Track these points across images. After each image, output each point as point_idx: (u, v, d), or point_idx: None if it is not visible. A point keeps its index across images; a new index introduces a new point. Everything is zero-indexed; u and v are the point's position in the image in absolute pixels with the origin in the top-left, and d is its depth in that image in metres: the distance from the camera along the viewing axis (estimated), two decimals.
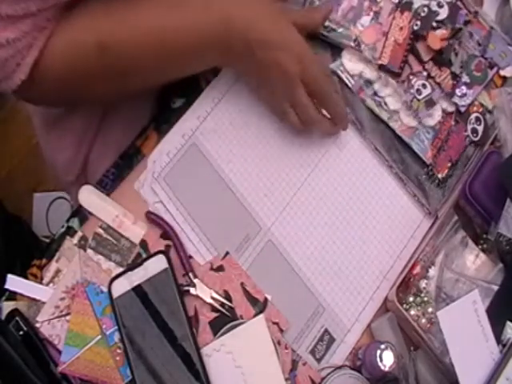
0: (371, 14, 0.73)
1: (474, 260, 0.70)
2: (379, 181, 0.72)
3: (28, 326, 0.60)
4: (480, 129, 0.75)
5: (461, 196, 0.71)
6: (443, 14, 0.74)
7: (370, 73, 0.72)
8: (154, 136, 0.69)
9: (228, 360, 0.60)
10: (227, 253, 0.66)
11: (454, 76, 0.75)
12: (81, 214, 0.66)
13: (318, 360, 0.65)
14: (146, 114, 0.75)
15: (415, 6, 0.74)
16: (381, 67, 0.72)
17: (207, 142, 0.68)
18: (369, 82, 0.72)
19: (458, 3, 0.76)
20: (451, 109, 0.74)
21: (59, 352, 0.60)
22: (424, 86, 0.73)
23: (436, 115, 0.73)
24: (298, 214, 0.69)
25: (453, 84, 0.74)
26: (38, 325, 0.61)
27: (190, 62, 0.63)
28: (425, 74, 0.74)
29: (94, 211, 0.65)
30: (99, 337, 0.61)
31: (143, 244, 0.65)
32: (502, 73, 0.78)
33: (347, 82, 0.71)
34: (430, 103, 0.73)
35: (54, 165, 0.85)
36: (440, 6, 0.75)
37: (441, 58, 0.74)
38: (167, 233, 0.64)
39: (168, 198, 0.66)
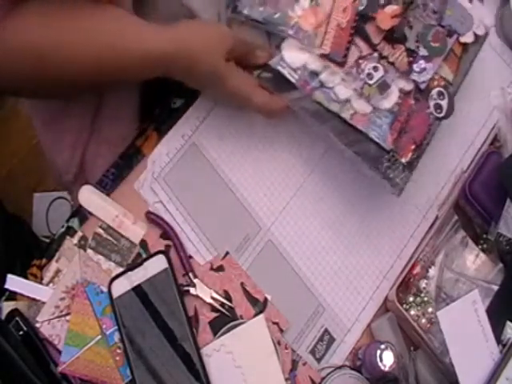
0: None
1: (474, 260, 0.70)
2: None
3: (28, 326, 0.60)
4: (444, 103, 0.69)
5: (461, 196, 0.71)
6: None
7: (313, 63, 0.65)
8: (154, 136, 0.69)
9: (228, 360, 0.60)
10: (227, 253, 0.66)
11: (410, 52, 0.68)
12: (81, 214, 0.66)
13: (318, 360, 0.65)
14: (134, 112, 0.75)
15: None
16: (322, 56, 0.65)
17: (207, 142, 0.68)
18: (314, 74, 0.65)
19: None
20: (409, 87, 0.68)
21: (59, 352, 0.60)
22: (375, 68, 0.66)
23: (392, 97, 0.67)
24: (298, 213, 0.69)
25: (409, 61, 0.68)
26: (38, 325, 0.61)
27: (128, 76, 0.62)
28: (376, 55, 0.67)
29: (94, 211, 0.65)
30: (99, 337, 0.61)
31: (143, 244, 0.65)
32: (461, 39, 0.71)
33: (290, 77, 0.64)
34: (383, 87, 0.66)
35: (54, 164, 0.86)
36: None
37: (393, 36, 0.67)
38: (167, 233, 0.64)
39: (168, 198, 0.66)
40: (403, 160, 0.66)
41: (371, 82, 0.66)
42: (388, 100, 0.67)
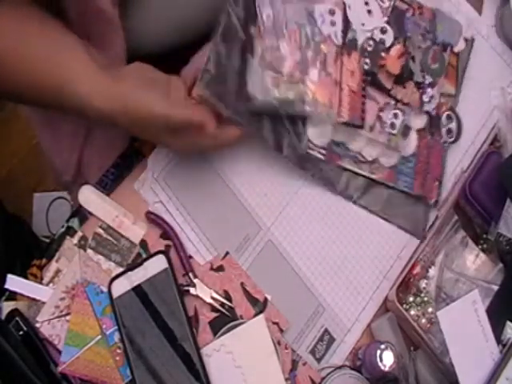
0: (318, 64, 0.64)
1: (474, 260, 0.70)
2: None
3: (28, 326, 0.60)
4: (453, 126, 0.72)
5: (461, 196, 0.71)
6: (389, 38, 0.69)
7: (337, 135, 0.66)
8: None
9: (228, 360, 0.60)
10: (227, 253, 0.66)
11: (418, 84, 0.70)
12: (81, 214, 0.66)
13: (318, 360, 0.65)
14: None
15: (359, 42, 0.67)
16: (343, 125, 0.66)
17: None
18: (340, 144, 0.66)
19: (398, 3, 0.70)
20: (423, 122, 0.70)
21: (59, 352, 0.61)
22: (395, 115, 0.68)
23: (412, 139, 0.69)
24: (298, 213, 0.69)
25: (420, 94, 0.70)
26: (38, 325, 0.61)
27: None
28: (392, 102, 0.69)
29: (93, 211, 0.65)
30: (99, 337, 0.61)
31: (143, 244, 0.65)
32: (455, 50, 0.73)
33: (320, 156, 0.65)
34: (405, 131, 0.69)
35: (53, 165, 0.86)
36: (383, 31, 0.69)
37: (402, 77, 0.69)
38: (167, 233, 0.64)
39: (168, 198, 0.66)
40: (432, 201, 0.70)
41: (395, 131, 0.68)
42: (409, 144, 0.70)
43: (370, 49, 0.68)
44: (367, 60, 0.67)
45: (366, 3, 0.68)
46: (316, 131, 0.65)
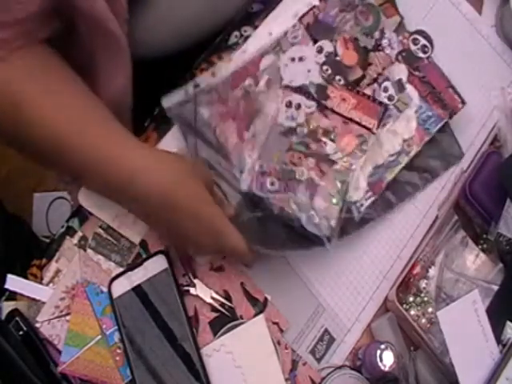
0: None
1: (474, 260, 0.70)
2: None
3: (28, 326, 0.60)
4: (424, 43, 0.73)
5: (461, 196, 0.71)
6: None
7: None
8: (154, 136, 0.69)
9: (228, 360, 0.60)
10: None
11: (376, 47, 0.72)
12: (81, 214, 0.66)
13: (318, 360, 0.65)
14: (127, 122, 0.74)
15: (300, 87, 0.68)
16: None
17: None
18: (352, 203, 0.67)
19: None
20: (402, 67, 0.72)
21: (59, 352, 0.61)
22: (385, 89, 0.71)
23: (410, 88, 0.72)
24: None
25: (383, 53, 0.71)
26: (38, 325, 0.61)
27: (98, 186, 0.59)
28: (374, 82, 0.71)
29: (94, 211, 0.65)
30: (99, 337, 0.61)
31: (143, 244, 0.65)
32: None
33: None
34: (400, 87, 0.71)
35: None
36: (323, 70, 0.69)
37: (364, 56, 0.71)
38: None
39: None
40: (460, 106, 0.73)
41: (395, 96, 0.71)
42: (411, 94, 0.72)
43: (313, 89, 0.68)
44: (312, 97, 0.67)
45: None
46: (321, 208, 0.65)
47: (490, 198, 0.70)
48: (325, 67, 0.69)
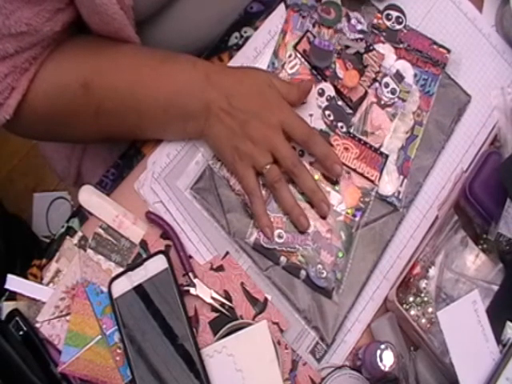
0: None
1: (474, 260, 0.70)
2: None
3: (28, 326, 0.60)
4: (397, 14, 0.74)
5: (461, 196, 0.71)
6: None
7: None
8: None
9: (229, 362, 0.60)
10: (227, 253, 0.65)
11: (367, 48, 0.72)
12: (81, 214, 0.66)
13: (318, 360, 0.65)
14: None
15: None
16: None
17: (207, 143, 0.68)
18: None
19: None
20: (391, 52, 0.73)
21: (59, 352, 0.61)
22: (386, 84, 0.72)
23: (407, 67, 0.73)
24: None
25: (365, 44, 0.72)
26: (38, 325, 0.61)
27: (167, 118, 0.64)
28: (376, 82, 0.72)
29: (94, 211, 0.65)
30: (99, 337, 0.61)
31: (143, 244, 0.65)
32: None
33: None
34: (398, 77, 0.72)
35: (54, 170, 0.87)
36: (320, 92, 0.69)
37: (361, 69, 0.71)
38: (167, 233, 0.64)
39: (168, 198, 0.66)
40: (446, 55, 0.75)
41: (397, 89, 0.72)
42: (407, 73, 0.74)
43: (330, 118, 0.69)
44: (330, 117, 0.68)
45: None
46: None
47: (490, 198, 0.70)
48: (327, 112, 0.69)
